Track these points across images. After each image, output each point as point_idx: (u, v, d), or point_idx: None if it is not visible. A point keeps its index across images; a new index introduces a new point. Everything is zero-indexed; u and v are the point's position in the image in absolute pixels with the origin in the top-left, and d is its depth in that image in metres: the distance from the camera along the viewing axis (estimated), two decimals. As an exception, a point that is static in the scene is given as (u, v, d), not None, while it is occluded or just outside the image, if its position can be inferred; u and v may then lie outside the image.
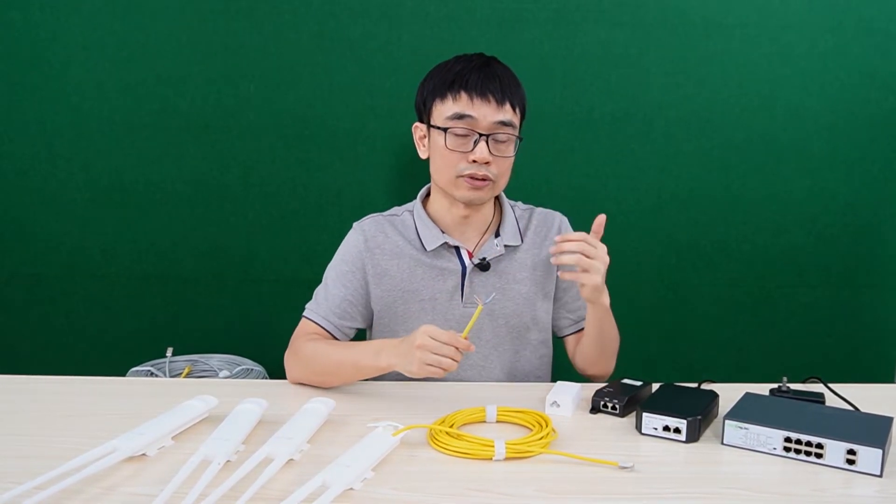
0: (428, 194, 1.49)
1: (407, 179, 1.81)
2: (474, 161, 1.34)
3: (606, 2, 1.82)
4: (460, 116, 1.34)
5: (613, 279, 1.89)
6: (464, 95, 1.34)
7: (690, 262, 1.93)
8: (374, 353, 1.27)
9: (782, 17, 1.84)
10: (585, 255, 1.25)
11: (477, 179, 1.35)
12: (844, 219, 1.92)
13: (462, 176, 1.35)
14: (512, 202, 1.52)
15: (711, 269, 1.93)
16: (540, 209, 1.53)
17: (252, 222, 1.91)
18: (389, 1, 1.81)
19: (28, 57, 1.83)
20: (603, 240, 1.86)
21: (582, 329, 1.50)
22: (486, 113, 1.34)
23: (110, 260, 1.92)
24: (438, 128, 1.36)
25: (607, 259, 1.27)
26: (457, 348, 1.15)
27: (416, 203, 1.48)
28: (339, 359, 1.31)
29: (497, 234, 1.45)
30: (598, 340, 1.41)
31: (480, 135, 1.34)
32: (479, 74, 1.35)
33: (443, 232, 1.43)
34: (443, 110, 1.36)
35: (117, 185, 1.88)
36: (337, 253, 1.48)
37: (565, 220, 1.53)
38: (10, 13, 1.81)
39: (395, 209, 1.51)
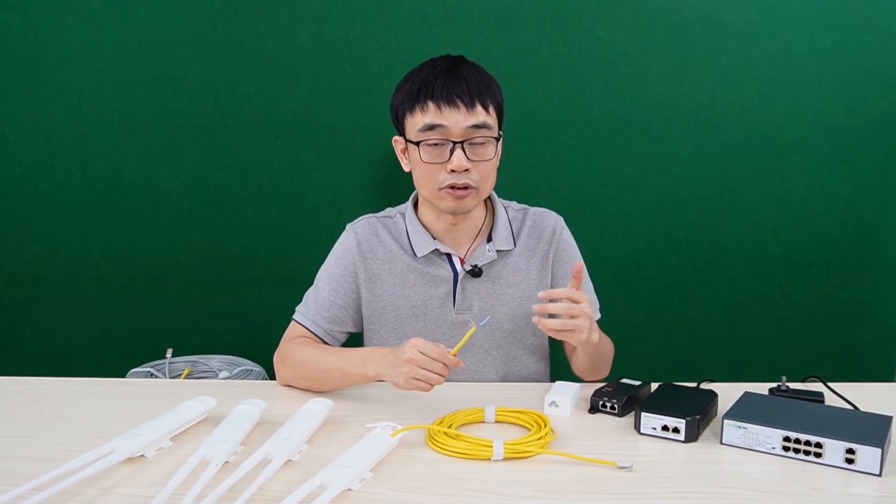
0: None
1: (405, 180, 1.81)
2: (453, 170, 1.31)
3: (605, 1, 1.82)
4: (431, 127, 1.30)
5: (613, 278, 1.91)
6: (431, 105, 1.30)
7: (690, 261, 1.93)
8: (361, 362, 1.24)
9: (781, 16, 1.83)
10: (570, 314, 1.18)
11: (458, 189, 1.32)
12: (844, 217, 1.92)
13: (443, 188, 1.33)
14: (506, 202, 1.50)
15: (711, 269, 1.93)
16: (535, 209, 1.50)
17: (251, 222, 1.91)
18: (387, 1, 1.81)
19: (26, 58, 1.83)
20: (603, 239, 1.90)
21: None
22: (457, 119, 1.30)
23: (109, 261, 1.92)
24: (412, 142, 1.34)
25: (591, 312, 1.20)
26: (444, 364, 1.14)
27: (408, 207, 1.46)
28: (328, 366, 1.30)
29: (489, 239, 1.43)
30: (588, 360, 1.39)
31: (455, 143, 1.31)
32: (444, 80, 1.31)
33: (434, 238, 1.42)
34: (414, 123, 1.33)
35: (116, 185, 1.88)
36: (329, 255, 1.47)
37: (560, 219, 1.50)
38: (9, 14, 1.81)
39: (388, 210, 1.50)
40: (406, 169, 1.41)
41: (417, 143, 1.32)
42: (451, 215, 1.38)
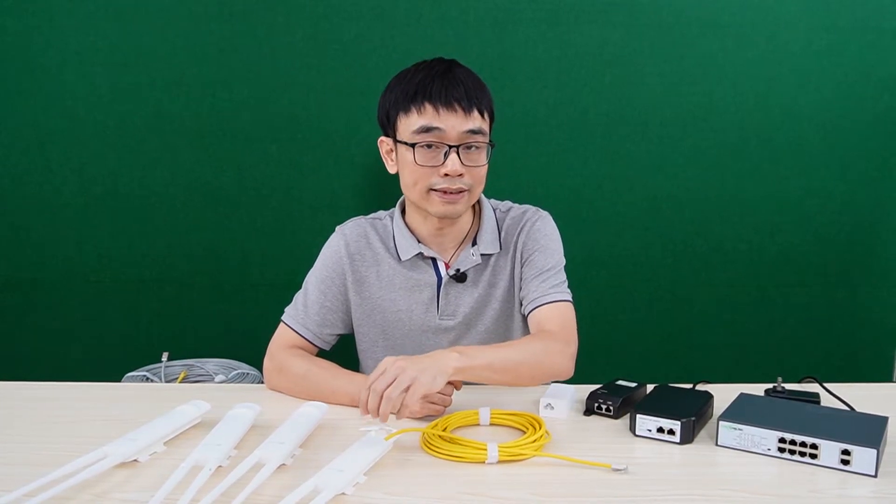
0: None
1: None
2: (446, 174, 1.29)
3: (600, 2, 1.82)
4: (427, 129, 1.28)
5: (609, 280, 1.91)
6: (428, 107, 1.28)
7: (686, 262, 1.93)
8: None
9: (777, 16, 1.83)
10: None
11: (451, 193, 1.31)
12: (841, 218, 1.92)
13: (435, 190, 1.31)
14: (496, 203, 1.48)
15: (707, 270, 1.93)
16: (516, 208, 1.47)
17: (247, 226, 1.90)
18: (383, 3, 1.81)
19: (22, 62, 1.83)
20: (599, 240, 1.90)
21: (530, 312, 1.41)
22: (454, 123, 1.28)
23: (105, 265, 1.91)
24: (406, 143, 1.32)
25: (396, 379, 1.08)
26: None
27: (396, 211, 1.45)
28: (335, 387, 1.27)
29: (474, 243, 1.42)
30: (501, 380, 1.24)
31: (450, 147, 1.29)
32: (442, 82, 1.29)
33: (419, 241, 1.41)
34: (408, 124, 1.31)
35: (112, 189, 1.88)
36: (319, 257, 1.47)
37: (537, 213, 1.44)
38: (4, 18, 1.81)
39: (379, 213, 1.49)
40: (391, 171, 1.39)
41: (412, 145, 1.30)
42: (438, 219, 1.37)
